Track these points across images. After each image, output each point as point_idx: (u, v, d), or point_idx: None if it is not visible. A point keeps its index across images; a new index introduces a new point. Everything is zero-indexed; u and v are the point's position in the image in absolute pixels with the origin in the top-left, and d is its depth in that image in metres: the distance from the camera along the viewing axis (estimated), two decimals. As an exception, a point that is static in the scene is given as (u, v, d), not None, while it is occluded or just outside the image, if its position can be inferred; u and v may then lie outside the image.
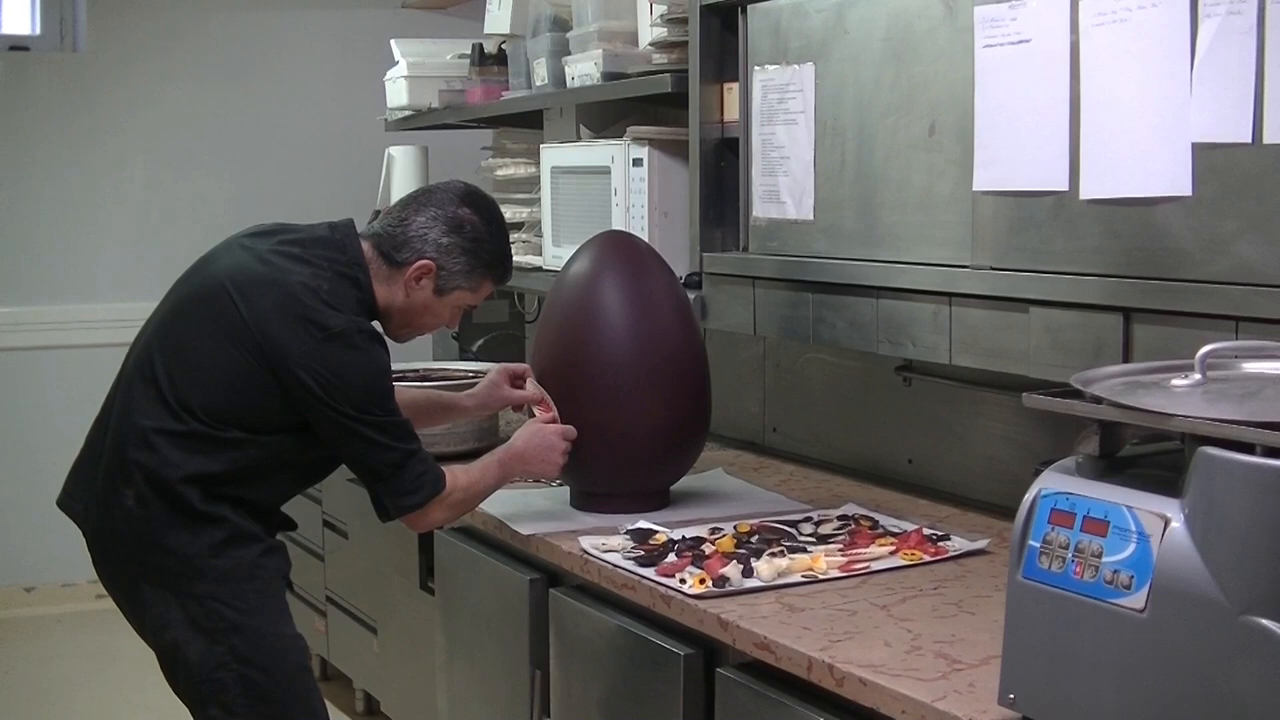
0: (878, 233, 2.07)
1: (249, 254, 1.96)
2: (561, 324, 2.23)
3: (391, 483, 1.93)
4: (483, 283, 2.04)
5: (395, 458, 1.92)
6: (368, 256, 1.98)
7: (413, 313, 2.01)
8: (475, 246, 1.99)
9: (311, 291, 1.90)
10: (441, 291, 2.00)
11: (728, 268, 2.38)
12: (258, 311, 1.89)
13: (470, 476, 2.03)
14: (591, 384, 2.19)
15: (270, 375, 1.89)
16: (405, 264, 1.98)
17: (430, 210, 1.99)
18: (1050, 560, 1.27)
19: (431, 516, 1.98)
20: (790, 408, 2.77)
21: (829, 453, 2.65)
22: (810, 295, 2.20)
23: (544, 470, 2.13)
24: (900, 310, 2.02)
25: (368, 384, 1.90)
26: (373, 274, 1.97)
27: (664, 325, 2.21)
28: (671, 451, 2.24)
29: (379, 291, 1.98)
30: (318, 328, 1.88)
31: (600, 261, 2.24)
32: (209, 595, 1.91)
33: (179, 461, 1.89)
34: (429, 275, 1.99)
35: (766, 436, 2.83)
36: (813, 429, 2.71)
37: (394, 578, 2.86)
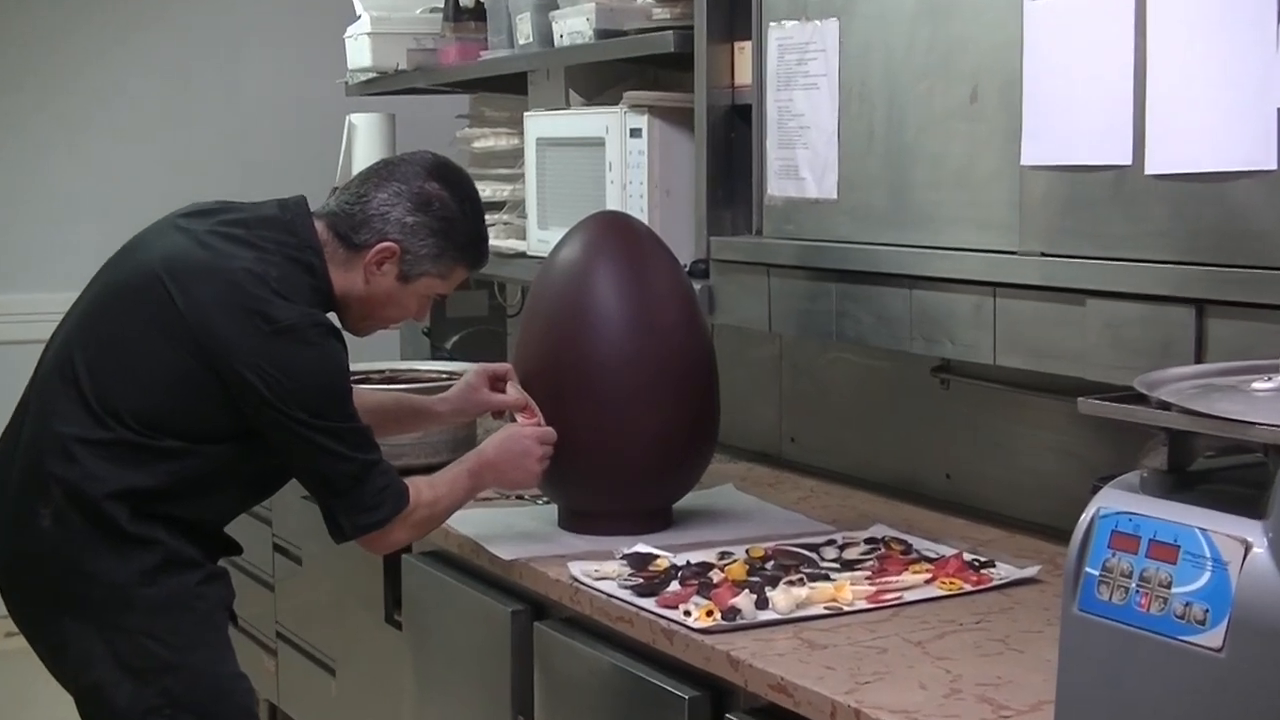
0: (911, 214, 2.07)
1: (186, 236, 1.95)
2: (548, 319, 2.23)
3: (348, 498, 1.93)
4: (454, 268, 2.03)
5: (353, 469, 1.91)
6: (322, 239, 1.97)
7: (374, 303, 2.00)
8: (445, 226, 1.98)
9: (258, 279, 1.88)
10: (407, 278, 2.00)
11: (739, 254, 2.39)
12: (196, 302, 1.88)
13: (436, 490, 2.03)
14: (582, 388, 2.19)
15: (211, 375, 1.88)
16: (365, 246, 1.97)
17: (393, 185, 1.98)
18: (1111, 591, 1.26)
19: (393, 537, 1.98)
20: (810, 415, 2.78)
21: (855, 466, 2.66)
22: (833, 286, 2.20)
23: (520, 478, 2.13)
24: (937, 303, 2.03)
25: (323, 385, 1.89)
26: (328, 258, 1.96)
27: (666, 320, 2.22)
28: (674, 465, 2.25)
29: (335, 278, 1.97)
30: (265, 320, 1.87)
31: (593, 247, 2.24)
32: (139, 630, 1.89)
33: (104, 475, 1.87)
34: (392, 260, 1.98)
35: (783, 447, 2.83)
36: (836, 439, 2.71)
37: (355, 610, 2.86)
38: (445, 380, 2.77)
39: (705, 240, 2.44)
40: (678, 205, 2.57)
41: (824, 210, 2.22)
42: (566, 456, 2.18)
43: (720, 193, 2.44)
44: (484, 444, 2.14)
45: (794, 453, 2.80)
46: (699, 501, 2.41)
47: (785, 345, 2.81)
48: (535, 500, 2.45)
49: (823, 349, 2.71)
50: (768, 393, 2.86)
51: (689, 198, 2.51)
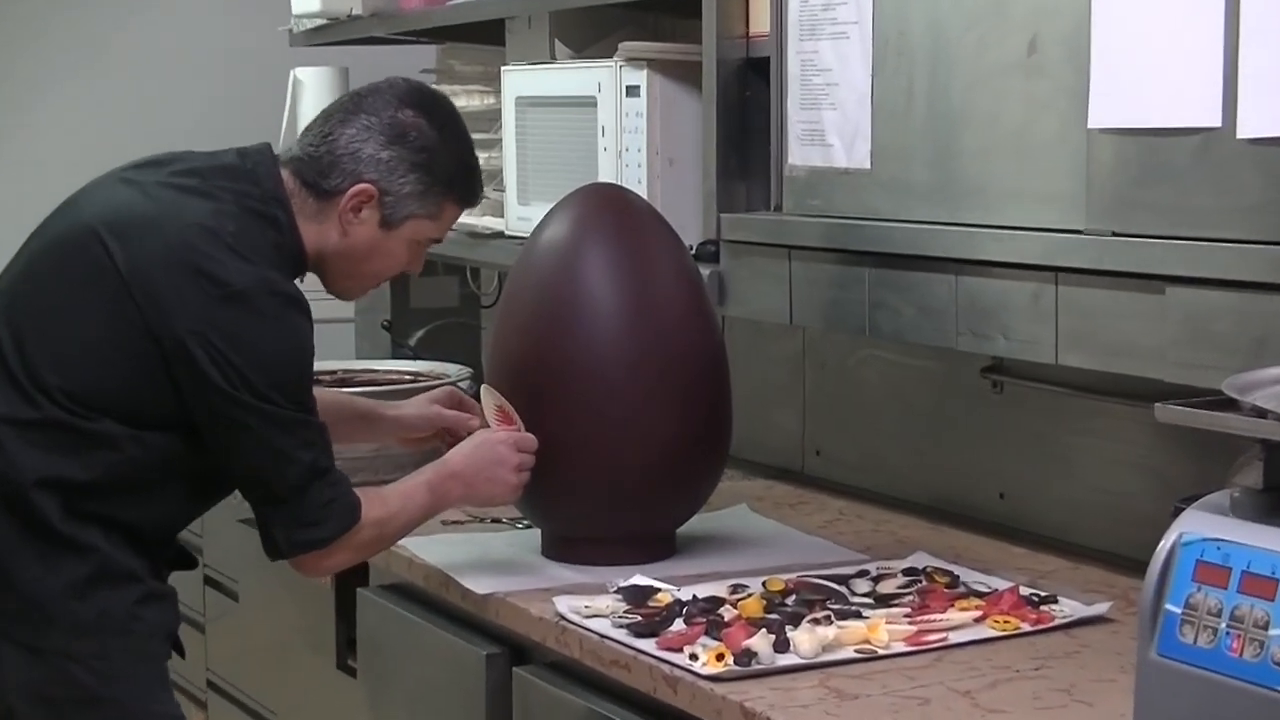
0: (957, 186, 2.07)
1: (131, 189, 1.97)
2: (529, 311, 2.23)
3: (288, 508, 1.93)
4: (443, 206, 2.06)
5: (298, 474, 1.92)
6: (289, 189, 2.00)
7: (355, 256, 2.03)
8: (426, 159, 2.01)
9: (211, 234, 1.90)
10: (390, 223, 2.02)
11: (755, 234, 2.39)
12: (137, 259, 1.89)
13: (388, 506, 2.03)
14: (570, 391, 2.19)
15: (152, 345, 1.89)
16: (337, 192, 2.00)
17: (361, 119, 2.00)
18: (1196, 632, 1.26)
19: (332, 559, 1.99)
20: (839, 423, 2.77)
21: (891, 484, 2.66)
22: (866, 271, 2.20)
23: (493, 493, 2.14)
24: (988, 291, 2.02)
25: (277, 363, 1.90)
26: (296, 211, 1.99)
27: (668, 312, 2.22)
28: (678, 482, 2.25)
29: (307, 233, 2.00)
30: (214, 283, 1.88)
31: (582, 226, 2.24)
32: (61, 652, 1.89)
33: (31, 461, 1.87)
34: (370, 203, 2.01)
35: (807, 461, 2.83)
36: (869, 452, 2.71)
37: (301, 653, 2.85)
38: (409, 383, 2.79)
39: (715, 218, 2.44)
40: (682, 177, 2.57)
41: (855, 183, 2.22)
42: (551, 472, 2.18)
43: (733, 162, 2.44)
44: (450, 452, 2.15)
45: (819, 468, 2.80)
46: (708, 525, 2.42)
47: (809, 341, 2.81)
48: (513, 524, 2.45)
49: (853, 346, 2.71)
50: (789, 397, 2.86)
51: (696, 168, 2.51)
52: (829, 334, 2.71)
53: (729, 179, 2.44)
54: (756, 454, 2.88)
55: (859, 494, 2.67)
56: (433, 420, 2.27)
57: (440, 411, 2.27)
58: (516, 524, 2.45)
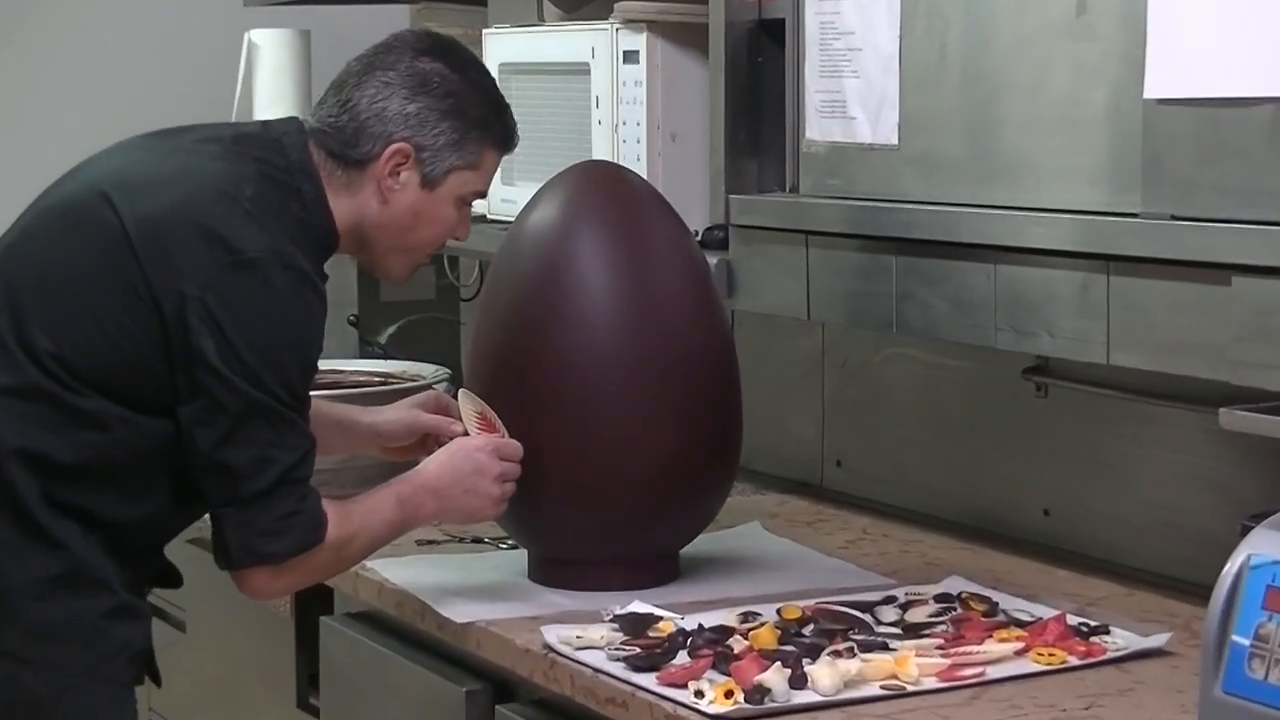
0: (997, 163, 2.07)
1: (146, 153, 2.04)
2: (514, 304, 2.23)
3: (250, 513, 1.95)
4: (483, 153, 2.11)
5: (272, 479, 1.94)
6: (317, 162, 2.05)
7: (401, 225, 2.09)
8: (455, 104, 2.07)
9: (227, 197, 1.95)
10: (431, 181, 2.08)
11: (768, 218, 2.38)
12: (144, 217, 1.93)
13: (350, 523, 2.04)
14: (559, 395, 2.19)
15: (153, 315, 1.92)
16: (371, 158, 2.05)
17: (378, 77, 2.06)
18: (1267, 667, 1.26)
19: (285, 579, 2.01)
20: (862, 431, 2.77)
21: (921, 499, 2.66)
22: (893, 259, 2.19)
23: (471, 507, 2.15)
24: (1031, 282, 2.02)
25: (280, 346, 1.93)
26: (326, 185, 2.05)
27: (671, 306, 2.22)
28: (682, 497, 2.24)
29: (340, 208, 2.05)
30: (224, 247, 1.92)
31: (573, 209, 2.24)
32: (13, 653, 1.90)
33: (12, 430, 1.90)
34: (408, 163, 2.06)
35: (826, 474, 2.83)
36: (896, 463, 2.71)
37: (257, 690, 2.85)
38: (379, 385, 2.79)
39: (723, 200, 2.44)
40: (687, 153, 2.57)
41: (881, 160, 2.21)
42: (538, 485, 2.18)
43: (743, 137, 2.44)
44: (424, 461, 2.16)
45: (841, 481, 2.80)
46: (715, 545, 2.42)
47: (829, 339, 2.81)
48: (496, 543, 2.45)
49: (879, 344, 2.70)
50: (806, 402, 2.86)
51: (701, 144, 2.51)
52: (851, 330, 2.71)
53: (739, 156, 2.44)
54: (770, 465, 2.88)
55: (885, 510, 2.67)
56: (414, 427, 2.27)
57: (421, 416, 2.26)
58: (500, 544, 2.45)
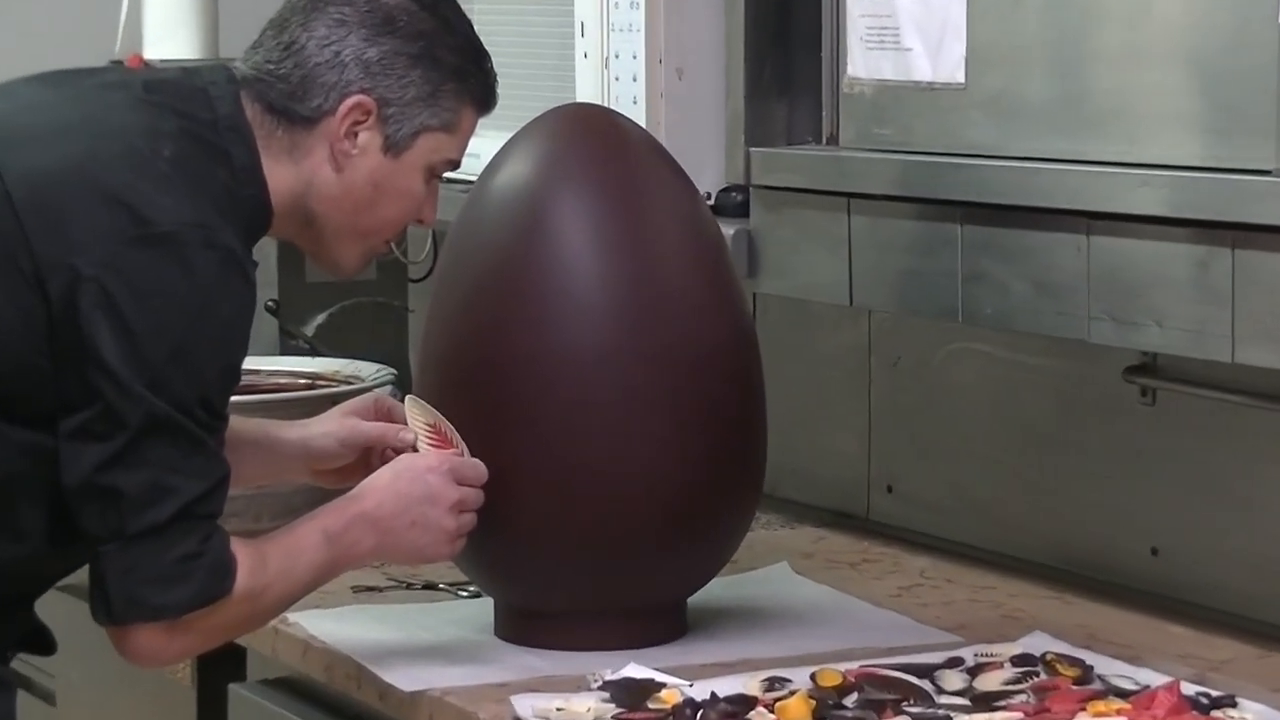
0: (1090, 108, 2.07)
1: (34, 97, 2.04)
2: (478, 286, 2.24)
3: (138, 553, 1.94)
4: (460, 109, 2.12)
5: (168, 511, 1.93)
6: (251, 118, 2.05)
7: (357, 200, 2.09)
8: (426, 49, 2.09)
9: (139, 154, 1.96)
10: (397, 144, 2.09)
11: (799, 176, 2.39)
12: (30, 173, 1.94)
13: (267, 567, 2.03)
14: (533, 404, 2.19)
15: (35, 294, 1.92)
16: (323, 114, 2.06)
17: (330, 13, 2.07)
18: None
19: (180, 642, 1.99)
20: (920, 448, 2.78)
21: (995, 533, 2.66)
22: (958, 229, 2.20)
23: (420, 544, 2.14)
24: (1134, 258, 2.03)
25: (195, 344, 1.93)
26: (263, 149, 2.05)
27: (675, 290, 2.22)
28: (690, 532, 2.24)
29: (278, 178, 2.06)
30: (133, 217, 1.92)
31: (552, 166, 2.24)
32: None
33: None
34: (369, 120, 2.07)
35: (874, 501, 2.84)
36: (963, 488, 2.72)
37: (154, 775, 2.84)
38: (304, 390, 2.82)
39: (743, 154, 2.45)
40: (696, 95, 2.58)
41: (943, 102, 2.22)
42: (508, 517, 2.18)
43: (767, 74, 2.46)
44: (362, 484, 2.15)
45: (891, 510, 2.81)
46: (732, 593, 2.43)
47: (877, 331, 2.81)
48: (454, 590, 2.46)
49: (940, 337, 2.71)
50: (847, 411, 2.86)
51: (715, 83, 2.53)
52: (905, 320, 2.71)
53: (762, 99, 2.46)
54: (802, 491, 2.89)
55: (949, 548, 2.68)
56: (351, 440, 2.26)
57: (360, 426, 2.25)
58: (458, 590, 2.46)
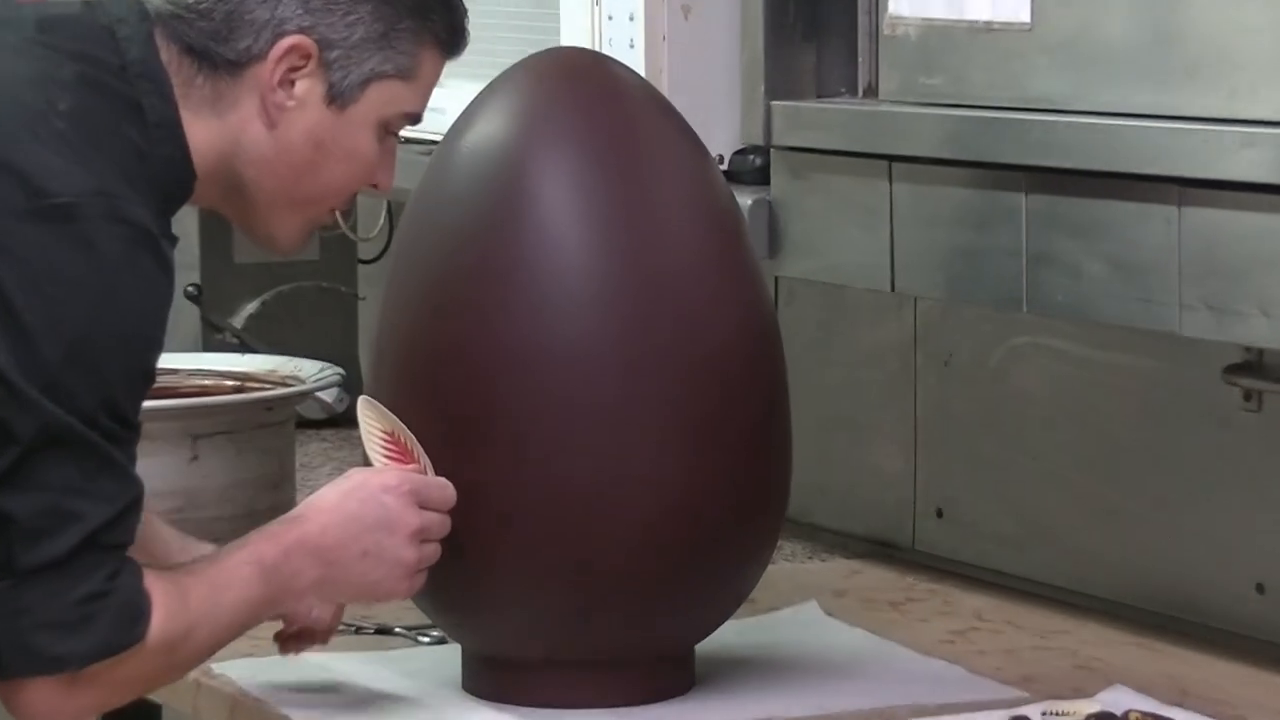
0: (1182, 53, 2.08)
1: None
2: (442, 270, 2.25)
3: (34, 593, 1.93)
4: (419, 53, 2.12)
5: (69, 541, 1.92)
6: (167, 63, 2.05)
7: (296, 163, 2.10)
8: None
9: (29, 111, 1.97)
10: (342, 95, 2.09)
11: (831, 136, 2.41)
12: None
13: (188, 608, 2.02)
14: (512, 411, 2.19)
15: None
16: (253, 58, 2.05)
17: None
18: None
19: (84, 697, 1.98)
20: (975, 464, 2.79)
21: (1067, 567, 2.67)
22: (1022, 199, 2.22)
23: (373, 578, 2.15)
24: (1235, 234, 2.03)
25: (100, 337, 1.93)
26: (181, 99, 2.04)
27: (681, 273, 2.23)
28: (699, 565, 2.24)
29: (201, 134, 2.06)
30: (23, 186, 1.93)
31: (532, 123, 2.25)
32: None
33: None
34: (307, 67, 2.06)
35: (921, 529, 2.85)
36: (1028, 512, 2.72)
37: None
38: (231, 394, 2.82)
39: (762, 109, 2.46)
40: (707, 38, 2.59)
41: (1004, 46, 2.24)
42: (480, 548, 2.19)
43: (792, 12, 2.47)
44: (304, 503, 2.16)
45: (943, 540, 2.82)
46: (750, 639, 2.44)
47: (925, 323, 2.83)
48: (414, 634, 2.49)
49: (1000, 330, 2.72)
50: (889, 419, 2.88)
51: (729, 22, 2.54)
52: (958, 310, 2.73)
53: (786, 42, 2.47)
54: (835, 516, 2.90)
55: (1011, 584, 2.69)
56: None
57: None
58: (419, 635, 2.48)
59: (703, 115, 2.39)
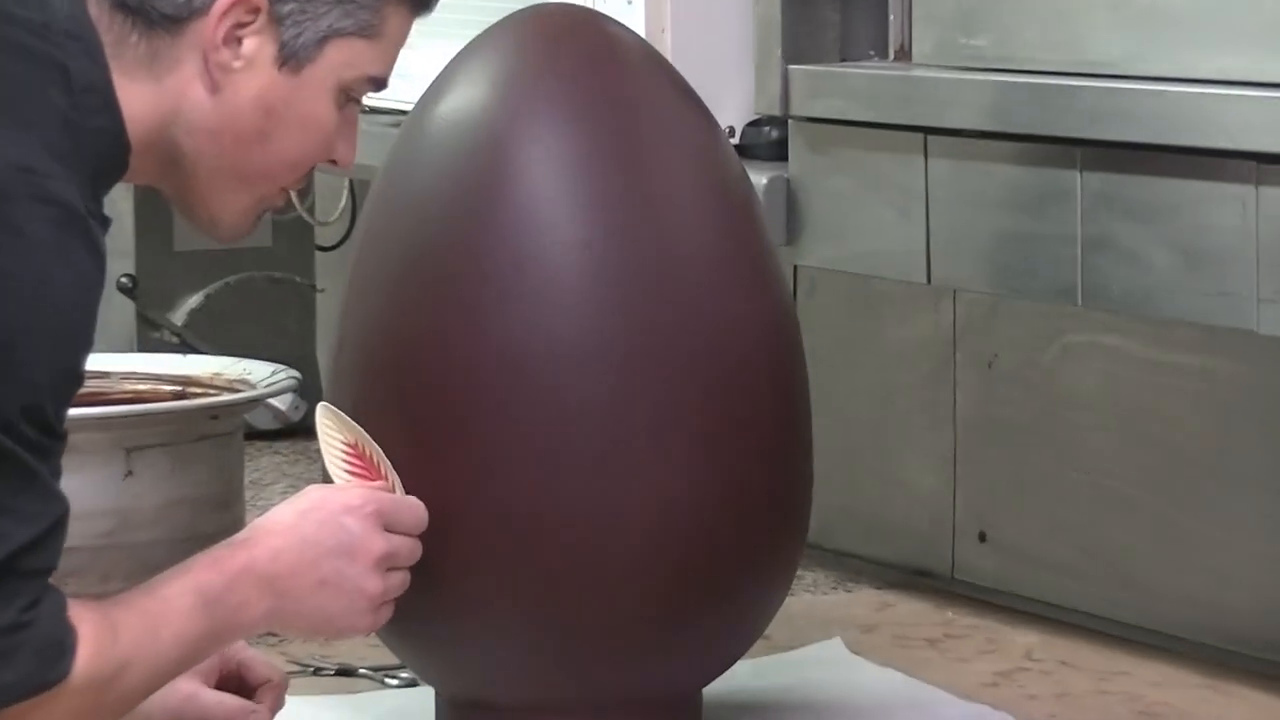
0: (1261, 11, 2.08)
1: None
2: (413, 260, 2.25)
3: None
4: (383, 9, 2.12)
5: None
6: (96, 20, 2.04)
7: (243, 133, 2.10)
8: None
9: None
10: (295, 55, 2.09)
11: (858, 104, 2.42)
12: None
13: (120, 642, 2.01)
14: (494, 420, 2.19)
15: None
16: (193, 13, 2.05)
17: None
18: None
19: None
20: (1023, 480, 2.80)
21: (1131, 599, 2.67)
22: (1077, 177, 2.22)
23: (333, 611, 2.14)
24: None
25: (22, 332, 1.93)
26: (114, 61, 2.04)
27: (685, 262, 2.23)
28: (708, 597, 2.24)
29: (135, 100, 2.05)
30: None
31: (518, 88, 2.26)
32: None
33: None
34: (254, 24, 2.06)
35: (961, 554, 2.86)
36: (1084, 535, 2.73)
37: None
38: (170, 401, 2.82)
39: (779, 74, 2.47)
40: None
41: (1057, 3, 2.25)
42: (456, 577, 2.19)
43: None
44: (254, 525, 2.16)
45: (985, 566, 2.83)
46: (766, 681, 2.46)
47: (965, 319, 2.83)
48: (381, 676, 2.51)
49: (1052, 327, 2.73)
50: (924, 429, 2.89)
51: None
52: (1004, 304, 2.73)
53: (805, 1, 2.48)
54: (862, 541, 2.91)
55: (1064, 618, 2.70)
56: None
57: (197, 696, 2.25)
58: (385, 677, 2.49)
59: (711, 81, 2.40)
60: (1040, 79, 2.24)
